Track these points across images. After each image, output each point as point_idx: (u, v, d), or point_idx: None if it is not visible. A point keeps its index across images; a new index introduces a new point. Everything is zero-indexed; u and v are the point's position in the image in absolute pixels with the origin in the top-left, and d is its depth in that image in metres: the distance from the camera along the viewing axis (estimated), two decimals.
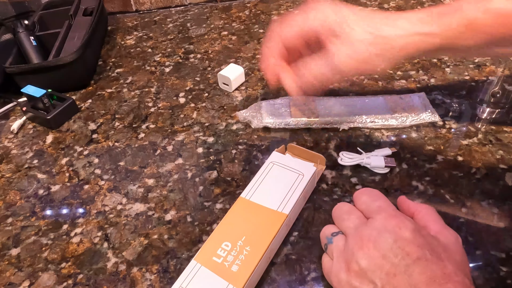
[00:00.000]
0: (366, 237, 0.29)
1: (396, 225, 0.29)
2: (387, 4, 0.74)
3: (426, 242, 0.28)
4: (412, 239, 0.28)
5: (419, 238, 0.28)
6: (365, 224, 0.31)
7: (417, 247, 0.27)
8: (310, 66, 0.38)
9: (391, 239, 0.28)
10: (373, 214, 0.31)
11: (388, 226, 0.29)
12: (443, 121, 0.49)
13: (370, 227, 0.30)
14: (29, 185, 0.47)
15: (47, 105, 0.53)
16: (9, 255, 0.40)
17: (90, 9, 0.70)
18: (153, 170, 0.47)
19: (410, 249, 0.27)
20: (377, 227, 0.29)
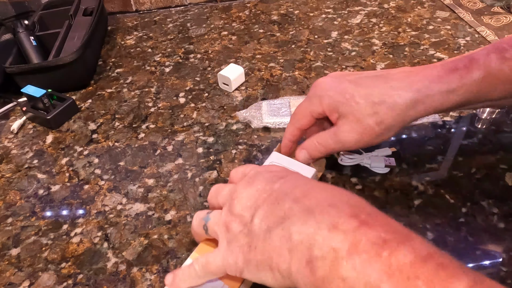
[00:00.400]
0: (240, 190, 0.30)
1: (264, 169, 0.32)
2: (387, 4, 0.74)
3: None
4: (280, 170, 0.32)
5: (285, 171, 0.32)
6: (237, 185, 0.32)
7: (286, 172, 0.31)
8: (318, 138, 0.40)
9: (261, 176, 0.31)
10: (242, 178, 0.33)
11: (257, 174, 0.31)
12: (443, 121, 0.49)
13: (241, 183, 0.31)
14: (29, 185, 0.47)
15: (47, 105, 0.53)
16: (9, 255, 0.40)
17: (90, 9, 0.70)
18: (153, 170, 0.47)
19: (280, 174, 0.30)
20: (247, 180, 0.31)
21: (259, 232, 0.27)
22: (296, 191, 0.28)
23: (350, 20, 0.71)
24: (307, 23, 0.71)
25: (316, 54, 0.63)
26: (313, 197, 0.27)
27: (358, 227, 0.24)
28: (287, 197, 0.28)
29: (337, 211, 0.25)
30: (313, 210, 0.26)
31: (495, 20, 0.67)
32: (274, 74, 0.60)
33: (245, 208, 0.29)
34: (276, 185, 0.29)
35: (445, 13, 0.70)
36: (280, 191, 0.28)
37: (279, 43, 0.66)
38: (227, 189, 0.33)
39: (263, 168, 0.33)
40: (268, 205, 0.28)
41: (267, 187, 0.29)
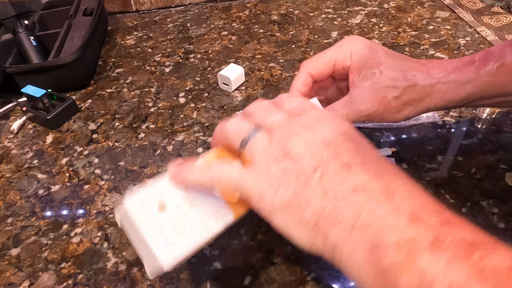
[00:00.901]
0: (299, 127, 0.26)
1: (332, 118, 0.27)
2: (387, 4, 0.74)
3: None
4: (350, 129, 0.27)
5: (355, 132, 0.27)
6: (293, 118, 0.27)
7: (356, 135, 0.27)
8: (330, 107, 0.37)
9: (326, 124, 0.26)
10: (300, 111, 0.28)
11: (320, 118, 0.27)
12: (443, 121, 0.49)
13: (301, 120, 0.27)
14: (29, 185, 0.47)
15: (47, 105, 0.53)
16: (9, 255, 0.40)
17: (90, 9, 0.70)
18: (153, 170, 0.47)
19: (350, 135, 0.26)
20: (308, 120, 0.27)
21: (318, 190, 0.24)
22: (371, 164, 0.24)
23: (350, 20, 0.71)
24: (307, 23, 0.71)
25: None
26: (394, 180, 0.24)
27: (443, 223, 0.21)
28: (363, 168, 0.24)
29: (419, 202, 0.22)
30: (393, 194, 0.23)
31: (495, 20, 0.67)
32: (274, 74, 0.60)
33: (306, 154, 0.25)
34: (349, 145, 0.25)
35: (445, 13, 0.70)
36: (353, 156, 0.25)
37: (279, 43, 0.66)
38: (281, 115, 0.28)
39: (331, 116, 0.27)
40: (337, 165, 0.24)
41: (338, 141, 0.25)
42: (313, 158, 0.25)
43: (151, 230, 0.27)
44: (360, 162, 0.24)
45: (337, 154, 0.25)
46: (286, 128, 0.26)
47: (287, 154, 0.25)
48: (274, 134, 0.26)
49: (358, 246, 0.22)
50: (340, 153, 0.25)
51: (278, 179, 0.25)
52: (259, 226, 0.39)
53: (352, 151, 0.25)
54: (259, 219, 0.40)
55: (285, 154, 0.25)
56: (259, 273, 0.36)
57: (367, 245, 0.22)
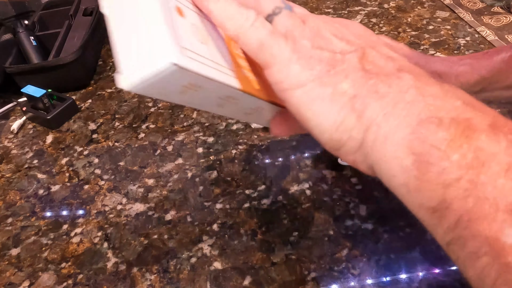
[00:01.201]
0: (330, 20, 0.24)
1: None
2: (387, 4, 0.74)
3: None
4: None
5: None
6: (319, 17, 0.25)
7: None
8: None
9: (355, 24, 0.25)
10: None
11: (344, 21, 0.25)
12: None
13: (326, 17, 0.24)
14: (29, 185, 0.47)
15: (47, 105, 0.53)
16: (9, 255, 0.40)
17: (90, 9, 0.70)
18: (153, 170, 0.47)
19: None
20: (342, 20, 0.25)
21: (357, 64, 0.21)
22: (421, 73, 0.21)
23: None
24: None
25: None
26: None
27: (498, 114, 0.19)
28: (406, 64, 0.22)
29: (469, 97, 0.20)
30: (441, 79, 0.22)
31: (495, 20, 0.67)
32: None
33: (343, 38, 0.22)
34: (385, 41, 0.27)
35: (445, 13, 0.70)
36: (392, 50, 0.23)
37: None
38: (303, 9, 0.26)
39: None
40: (376, 52, 0.22)
41: (373, 38, 0.24)
42: (352, 45, 0.22)
43: (166, 17, 0.19)
44: (401, 60, 0.22)
45: (375, 45, 0.22)
46: (314, 18, 0.24)
47: (326, 38, 0.22)
48: (306, 20, 0.23)
49: (404, 121, 0.19)
50: (379, 45, 0.22)
51: (310, 51, 0.21)
52: (259, 226, 0.39)
53: (387, 52, 0.22)
54: (259, 219, 0.40)
55: (324, 37, 0.22)
56: (259, 273, 0.36)
57: (414, 120, 0.18)
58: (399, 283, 0.34)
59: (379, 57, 0.21)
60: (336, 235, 0.38)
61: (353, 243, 0.37)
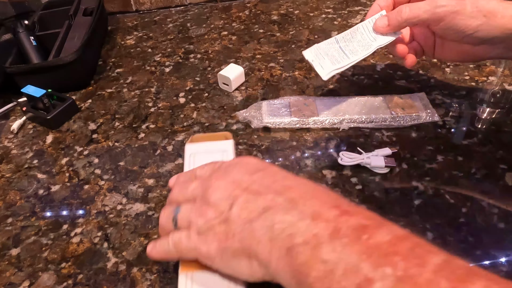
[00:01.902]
0: (214, 181, 0.31)
1: (238, 161, 0.33)
2: None
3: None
4: (256, 162, 0.32)
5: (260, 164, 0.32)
6: (208, 178, 0.32)
7: (262, 164, 0.32)
8: (408, 6, 0.41)
9: (237, 168, 0.31)
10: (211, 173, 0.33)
11: (231, 166, 0.32)
12: (443, 121, 0.49)
13: (215, 175, 0.32)
14: (29, 185, 0.47)
15: (47, 105, 0.53)
16: (9, 255, 0.40)
17: (90, 9, 0.70)
18: (153, 170, 0.47)
19: (256, 167, 0.31)
20: (222, 171, 0.32)
21: (238, 220, 0.28)
22: (277, 184, 0.29)
23: (350, 20, 0.71)
24: (307, 23, 0.71)
25: None
26: (296, 190, 0.28)
27: (340, 215, 0.25)
28: (269, 190, 0.28)
29: (320, 202, 0.26)
30: (296, 201, 0.27)
31: None
32: (274, 74, 0.60)
33: (222, 197, 0.29)
34: (255, 176, 0.30)
35: None
36: (260, 183, 0.29)
37: (279, 43, 0.66)
38: (196, 183, 0.33)
39: (237, 161, 0.33)
40: (248, 194, 0.28)
41: (245, 178, 0.30)
42: (227, 199, 0.29)
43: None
44: (266, 186, 0.29)
45: (247, 187, 0.29)
46: (203, 188, 0.31)
47: (209, 204, 0.30)
48: (197, 197, 0.31)
49: (279, 254, 0.25)
50: (250, 185, 0.29)
51: (206, 232, 0.29)
52: None
53: (259, 181, 0.29)
54: None
55: (208, 205, 0.30)
56: None
57: (283, 251, 0.25)
58: None
59: (250, 199, 0.29)
60: None
61: None
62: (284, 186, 0.29)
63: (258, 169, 0.31)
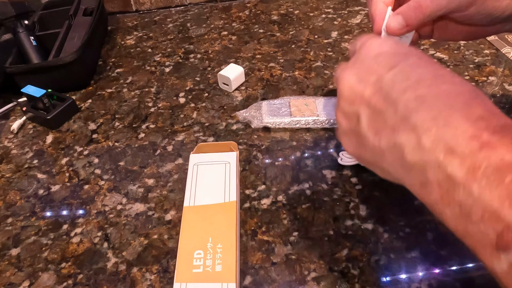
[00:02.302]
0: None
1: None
2: None
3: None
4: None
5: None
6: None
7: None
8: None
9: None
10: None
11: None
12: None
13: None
14: (29, 185, 0.47)
15: (47, 105, 0.53)
16: (9, 255, 0.40)
17: (90, 9, 0.70)
18: (153, 170, 0.47)
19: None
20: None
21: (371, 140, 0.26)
22: (408, 95, 0.24)
23: (350, 20, 0.71)
24: (307, 23, 0.71)
25: (316, 54, 0.63)
26: (434, 100, 0.23)
27: (479, 149, 0.21)
28: (397, 106, 0.25)
29: (456, 130, 0.22)
30: (435, 119, 0.23)
31: None
32: (274, 74, 0.60)
33: (348, 111, 0.28)
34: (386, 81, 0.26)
35: None
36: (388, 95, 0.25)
37: (279, 43, 0.66)
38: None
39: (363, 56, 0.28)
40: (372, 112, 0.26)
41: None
42: (354, 114, 0.27)
43: None
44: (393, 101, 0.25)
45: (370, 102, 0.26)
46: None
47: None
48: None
49: (413, 184, 0.25)
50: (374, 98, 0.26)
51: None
52: (259, 226, 0.39)
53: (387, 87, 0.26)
54: (259, 219, 0.40)
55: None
56: (259, 273, 0.36)
57: (417, 183, 0.24)
58: (399, 283, 0.34)
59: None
60: (336, 235, 0.38)
61: (353, 243, 0.37)
62: (417, 97, 0.24)
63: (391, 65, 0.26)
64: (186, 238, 0.35)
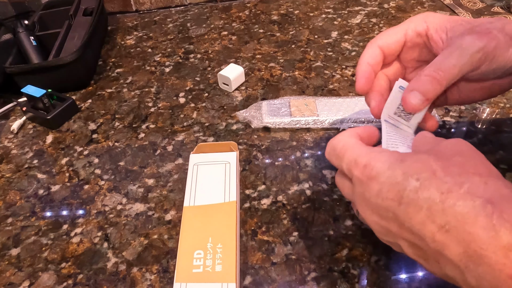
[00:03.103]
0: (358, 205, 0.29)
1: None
2: (387, 4, 0.74)
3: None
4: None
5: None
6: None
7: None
8: (430, 67, 0.31)
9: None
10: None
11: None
12: (443, 121, 0.48)
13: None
14: (29, 185, 0.47)
15: (47, 105, 0.53)
16: (9, 255, 0.40)
17: (90, 9, 0.70)
18: (153, 170, 0.47)
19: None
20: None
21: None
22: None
23: (350, 20, 0.71)
24: (307, 23, 0.71)
25: (316, 54, 0.63)
26: (455, 230, 0.23)
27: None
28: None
29: (491, 268, 0.21)
30: (469, 256, 0.22)
31: None
32: (274, 74, 0.60)
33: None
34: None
35: (445, 13, 0.70)
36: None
37: (279, 43, 0.66)
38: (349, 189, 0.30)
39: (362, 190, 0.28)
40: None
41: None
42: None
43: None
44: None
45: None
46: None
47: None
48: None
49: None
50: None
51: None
52: (259, 226, 0.39)
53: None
54: (259, 219, 0.40)
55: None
56: (259, 273, 0.36)
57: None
58: (399, 283, 0.34)
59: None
60: (336, 235, 0.38)
61: (353, 243, 0.37)
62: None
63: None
64: (186, 238, 0.35)
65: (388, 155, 0.27)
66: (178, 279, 0.32)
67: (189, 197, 0.38)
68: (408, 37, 0.34)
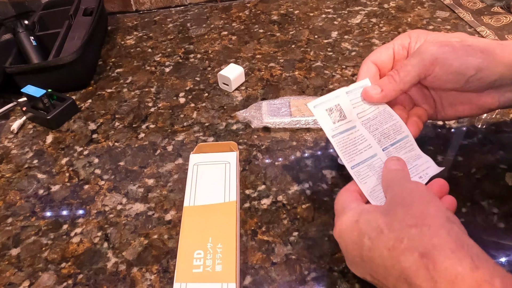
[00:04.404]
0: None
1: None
2: (387, 4, 0.74)
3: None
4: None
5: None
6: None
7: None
8: (394, 69, 0.37)
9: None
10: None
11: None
12: (443, 121, 0.49)
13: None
14: (29, 185, 0.47)
15: (47, 105, 0.53)
16: (9, 255, 0.40)
17: (90, 9, 0.70)
18: (153, 170, 0.47)
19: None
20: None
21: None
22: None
23: (350, 20, 0.71)
24: (307, 23, 0.71)
25: (316, 54, 0.63)
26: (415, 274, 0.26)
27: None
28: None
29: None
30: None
31: (495, 20, 0.67)
32: (274, 74, 0.60)
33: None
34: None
35: (445, 13, 0.70)
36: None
37: (279, 43, 0.66)
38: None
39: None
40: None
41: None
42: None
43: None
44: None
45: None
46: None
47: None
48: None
49: None
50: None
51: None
52: (259, 226, 0.39)
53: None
54: (259, 219, 0.40)
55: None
56: (259, 273, 0.36)
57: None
58: None
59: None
60: None
61: None
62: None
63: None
64: (186, 238, 0.35)
65: (349, 215, 0.31)
66: (178, 279, 0.32)
67: (189, 197, 0.38)
68: (396, 50, 0.39)
